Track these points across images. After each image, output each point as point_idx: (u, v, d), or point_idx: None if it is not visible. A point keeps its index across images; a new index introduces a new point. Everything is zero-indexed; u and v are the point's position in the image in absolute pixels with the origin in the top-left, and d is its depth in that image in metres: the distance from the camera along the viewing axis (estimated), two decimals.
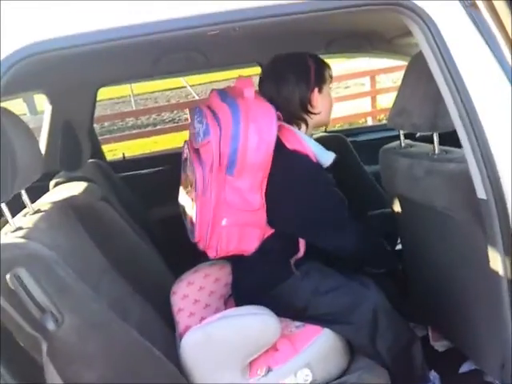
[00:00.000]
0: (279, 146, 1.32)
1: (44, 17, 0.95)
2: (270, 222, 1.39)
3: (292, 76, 1.42)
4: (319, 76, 1.45)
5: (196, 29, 1.02)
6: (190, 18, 0.99)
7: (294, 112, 1.44)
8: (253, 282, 1.42)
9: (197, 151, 1.38)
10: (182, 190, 1.52)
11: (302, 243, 1.43)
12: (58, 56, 0.98)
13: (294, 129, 1.44)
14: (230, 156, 1.28)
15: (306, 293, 1.38)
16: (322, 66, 1.47)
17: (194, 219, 1.34)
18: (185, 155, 1.48)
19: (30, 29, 0.95)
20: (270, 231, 1.41)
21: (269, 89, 1.44)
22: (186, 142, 1.49)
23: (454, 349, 1.59)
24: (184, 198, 1.47)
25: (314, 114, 1.45)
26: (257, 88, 1.44)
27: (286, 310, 1.39)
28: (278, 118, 1.33)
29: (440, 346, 1.69)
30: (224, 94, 1.42)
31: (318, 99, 1.44)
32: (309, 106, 1.44)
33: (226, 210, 1.32)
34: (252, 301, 1.32)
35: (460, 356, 1.56)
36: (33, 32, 0.95)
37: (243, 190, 1.32)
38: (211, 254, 1.38)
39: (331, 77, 1.50)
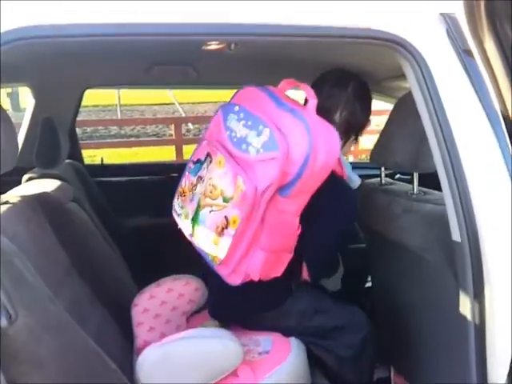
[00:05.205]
0: None
1: (35, 4, 0.93)
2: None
3: (366, 100, 1.45)
4: None
5: (187, 37, 1.01)
6: (184, 25, 0.98)
7: (346, 130, 1.40)
8: (243, 304, 1.32)
9: (237, 159, 1.13)
10: (200, 199, 1.19)
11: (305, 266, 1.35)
12: (46, 49, 0.96)
13: None
14: (291, 178, 1.08)
15: (297, 314, 1.38)
16: None
17: (223, 240, 1.12)
18: (204, 155, 1.21)
19: (19, 14, 0.92)
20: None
21: (338, 97, 1.39)
22: (205, 141, 1.23)
23: None
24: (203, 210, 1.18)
25: (354, 141, 1.48)
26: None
27: (273, 328, 1.38)
28: None
29: None
30: (275, 97, 1.18)
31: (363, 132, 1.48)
32: (360, 132, 1.46)
33: (267, 234, 1.13)
34: (237, 321, 1.26)
35: None
36: (21, 17, 0.92)
37: (289, 213, 1.14)
38: (237, 279, 1.15)
39: None
